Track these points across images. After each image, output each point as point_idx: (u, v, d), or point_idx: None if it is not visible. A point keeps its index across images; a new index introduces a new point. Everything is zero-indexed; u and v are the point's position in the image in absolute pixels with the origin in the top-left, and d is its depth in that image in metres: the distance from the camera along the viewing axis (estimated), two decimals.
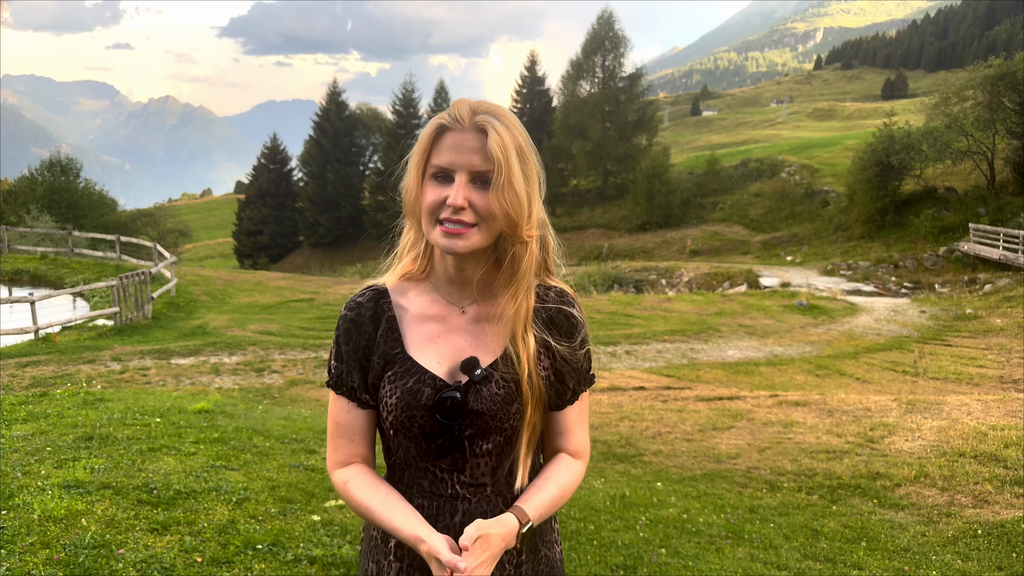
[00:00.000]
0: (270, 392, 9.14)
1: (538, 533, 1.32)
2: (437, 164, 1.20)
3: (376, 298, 1.32)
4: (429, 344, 1.29)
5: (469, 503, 1.27)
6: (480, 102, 1.23)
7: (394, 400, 1.25)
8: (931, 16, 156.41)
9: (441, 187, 1.20)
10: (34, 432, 4.92)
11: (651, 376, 10.68)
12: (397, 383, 1.26)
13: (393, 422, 1.26)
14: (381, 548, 1.31)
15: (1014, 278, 21.75)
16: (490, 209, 1.19)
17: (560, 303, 1.32)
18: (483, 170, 1.18)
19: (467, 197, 1.18)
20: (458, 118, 1.20)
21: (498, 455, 1.28)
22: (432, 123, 1.23)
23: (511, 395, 1.25)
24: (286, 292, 19.34)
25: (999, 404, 7.77)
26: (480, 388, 1.25)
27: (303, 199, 55.18)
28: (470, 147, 1.18)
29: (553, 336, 1.30)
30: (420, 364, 1.27)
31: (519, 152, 1.20)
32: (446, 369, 1.27)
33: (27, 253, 23.56)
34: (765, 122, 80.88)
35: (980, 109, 28.84)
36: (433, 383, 1.25)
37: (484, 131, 1.19)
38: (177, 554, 3.08)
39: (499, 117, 1.20)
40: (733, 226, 38.96)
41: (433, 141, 1.22)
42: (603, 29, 51.04)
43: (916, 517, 4.82)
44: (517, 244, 1.24)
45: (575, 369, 1.32)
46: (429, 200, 1.20)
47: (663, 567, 3.67)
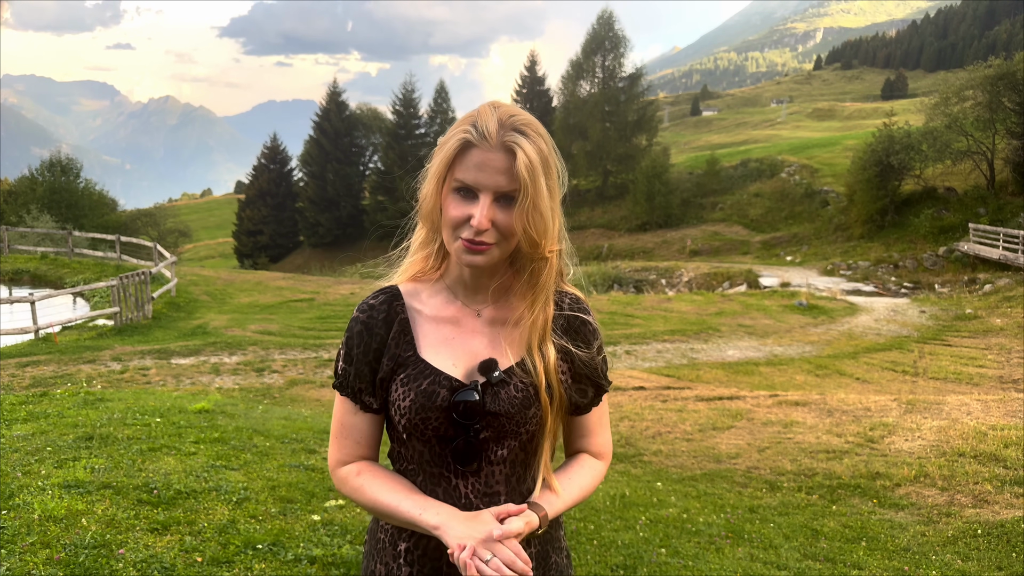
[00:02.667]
0: (270, 392, 9.14)
1: (548, 540, 1.31)
2: (461, 180, 1.19)
3: (389, 300, 1.30)
4: (444, 346, 1.27)
5: None
6: (507, 113, 1.20)
7: (408, 403, 1.22)
8: (931, 16, 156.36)
9: (464, 203, 1.19)
10: (34, 432, 4.93)
11: (651, 376, 10.68)
12: (411, 385, 1.23)
13: (407, 425, 1.23)
14: (390, 551, 1.28)
15: (1014, 278, 21.75)
16: (512, 228, 1.19)
17: (577, 310, 1.32)
18: (508, 190, 1.18)
19: (491, 218, 1.17)
20: (485, 134, 1.17)
21: (512, 463, 1.27)
22: (457, 137, 1.19)
23: (529, 399, 1.24)
24: (286, 292, 19.34)
25: (999, 404, 7.78)
26: (498, 390, 1.23)
27: (303, 199, 55.18)
28: (496, 167, 1.17)
29: (572, 342, 1.30)
30: (434, 366, 1.25)
31: (544, 166, 1.19)
32: (462, 371, 1.25)
33: (27, 253, 23.56)
34: (765, 122, 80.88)
35: (980, 109, 28.84)
36: (449, 384, 1.23)
37: (511, 151, 1.17)
38: (177, 554, 3.08)
39: (526, 133, 1.19)
40: (733, 226, 38.96)
41: (457, 155, 1.20)
42: (603, 29, 51.04)
43: (916, 517, 4.82)
44: (538, 259, 1.24)
45: (594, 373, 1.33)
46: (452, 215, 1.19)
47: (663, 567, 3.67)
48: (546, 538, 1.31)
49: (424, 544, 1.25)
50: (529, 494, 1.29)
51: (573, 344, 1.30)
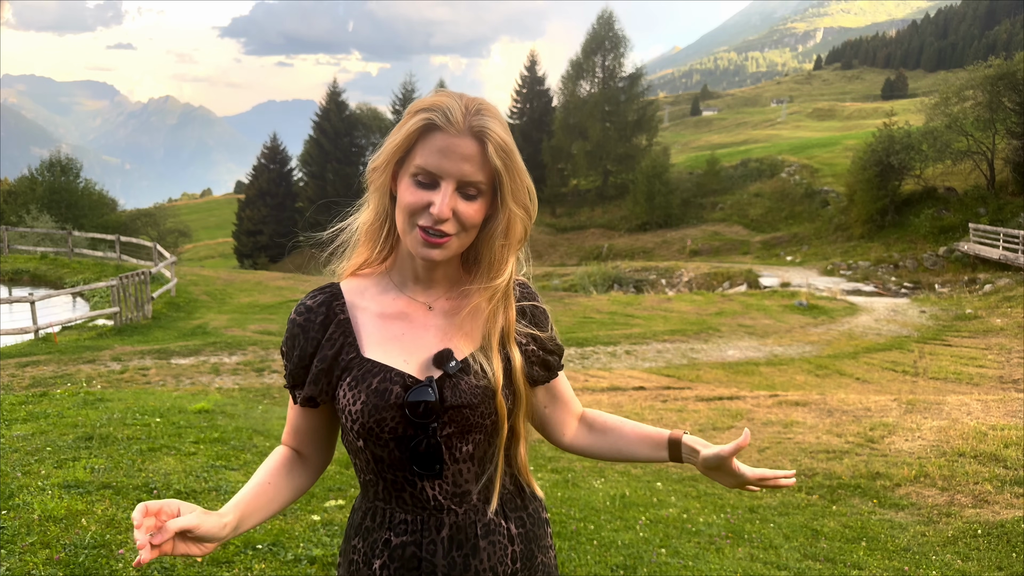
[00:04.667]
0: (270, 392, 9.14)
1: (533, 539, 1.26)
2: (422, 166, 1.11)
3: (328, 301, 1.22)
4: (393, 343, 1.19)
5: (456, 515, 1.18)
6: (468, 99, 1.14)
7: (359, 405, 1.14)
8: (931, 16, 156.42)
9: (422, 191, 1.11)
10: (34, 432, 4.92)
11: (651, 376, 10.68)
12: (360, 387, 1.15)
13: (360, 430, 1.14)
14: (364, 571, 1.20)
15: (1014, 278, 21.75)
16: (473, 219, 1.13)
17: (528, 298, 1.31)
18: (473, 180, 1.11)
19: (452, 207, 1.11)
20: (451, 119, 1.10)
21: (480, 459, 1.20)
22: (418, 117, 1.11)
23: (492, 388, 1.17)
24: (286, 292, 19.34)
25: (999, 404, 7.77)
26: (457, 381, 1.16)
27: (303, 199, 55.19)
28: (462, 154, 1.10)
29: (535, 327, 1.29)
30: (384, 363, 1.17)
31: (515, 147, 1.16)
32: (415, 367, 1.17)
33: (27, 253, 23.56)
34: (765, 122, 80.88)
35: (980, 109, 28.84)
36: (402, 380, 1.15)
37: (480, 137, 1.11)
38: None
39: (493, 116, 1.13)
40: (733, 226, 38.97)
41: (418, 137, 1.12)
42: (603, 29, 51.05)
43: (916, 517, 4.82)
44: (515, 250, 1.21)
45: (555, 348, 1.31)
46: (408, 201, 1.12)
47: (663, 567, 3.67)
48: (531, 537, 1.26)
49: (400, 555, 1.17)
50: (504, 491, 1.24)
51: (531, 325, 1.28)
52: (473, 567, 1.18)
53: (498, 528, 1.21)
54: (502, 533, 1.22)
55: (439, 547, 1.17)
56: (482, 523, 1.20)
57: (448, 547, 1.17)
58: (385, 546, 1.19)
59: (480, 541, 1.19)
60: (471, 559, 1.18)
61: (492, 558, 1.19)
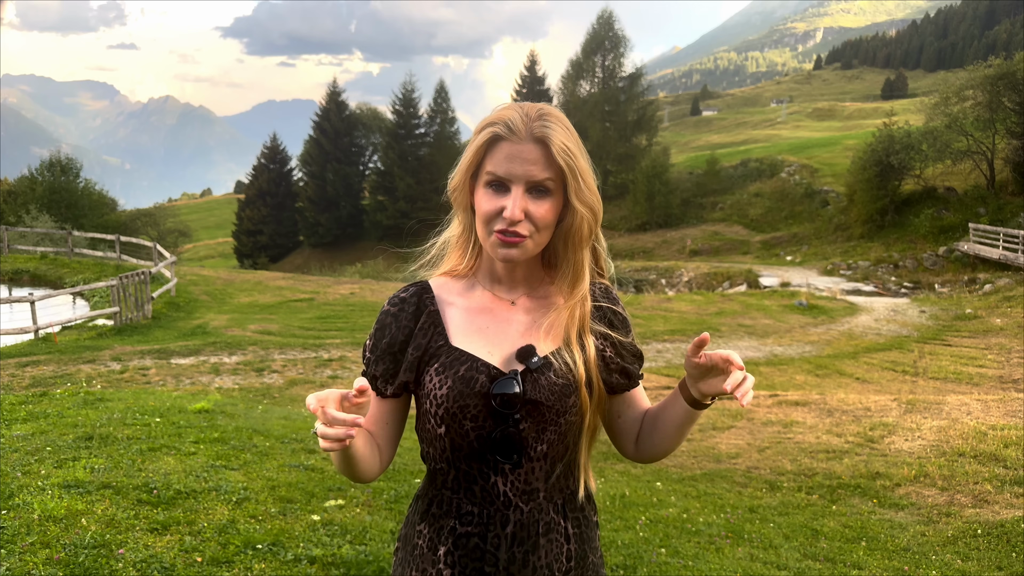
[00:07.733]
0: (270, 392, 9.14)
1: (587, 540, 1.30)
2: (493, 172, 1.20)
3: (419, 293, 1.30)
4: (478, 335, 1.26)
5: (521, 512, 1.23)
6: (529, 106, 1.22)
7: (445, 390, 1.20)
8: (931, 16, 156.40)
9: (496, 196, 1.20)
10: (34, 432, 4.93)
11: (651, 376, 10.68)
12: (447, 373, 1.21)
13: (444, 415, 1.20)
14: (428, 556, 1.24)
15: (1014, 278, 21.75)
16: (546, 219, 1.20)
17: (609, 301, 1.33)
18: (540, 179, 1.19)
19: (524, 209, 1.18)
20: (514, 128, 1.19)
21: (552, 458, 1.24)
22: (485, 132, 1.21)
23: (570, 386, 1.22)
24: (286, 292, 19.34)
25: (999, 404, 7.78)
26: (537, 377, 1.21)
27: (303, 199, 55.19)
28: (527, 158, 1.18)
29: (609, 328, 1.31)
30: (470, 353, 1.23)
31: (578, 147, 1.22)
32: (499, 359, 1.23)
33: (27, 253, 23.56)
34: (765, 122, 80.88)
35: (980, 109, 28.85)
36: (487, 371, 1.21)
37: (543, 140, 1.18)
38: (177, 554, 3.08)
39: (554, 119, 1.21)
40: (733, 226, 38.99)
41: (487, 150, 1.21)
42: (603, 29, 51.09)
43: (916, 517, 4.82)
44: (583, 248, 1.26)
45: (635, 355, 1.34)
46: (485, 209, 1.21)
47: (663, 567, 3.67)
48: (585, 538, 1.30)
49: (464, 544, 1.22)
50: (569, 492, 1.28)
51: (611, 329, 1.31)
52: (532, 563, 1.22)
53: (557, 527, 1.26)
54: (560, 532, 1.26)
55: (503, 542, 1.22)
56: (544, 521, 1.24)
57: (511, 542, 1.21)
58: (451, 533, 1.23)
59: (540, 539, 1.23)
60: (531, 555, 1.22)
61: (549, 555, 1.24)
